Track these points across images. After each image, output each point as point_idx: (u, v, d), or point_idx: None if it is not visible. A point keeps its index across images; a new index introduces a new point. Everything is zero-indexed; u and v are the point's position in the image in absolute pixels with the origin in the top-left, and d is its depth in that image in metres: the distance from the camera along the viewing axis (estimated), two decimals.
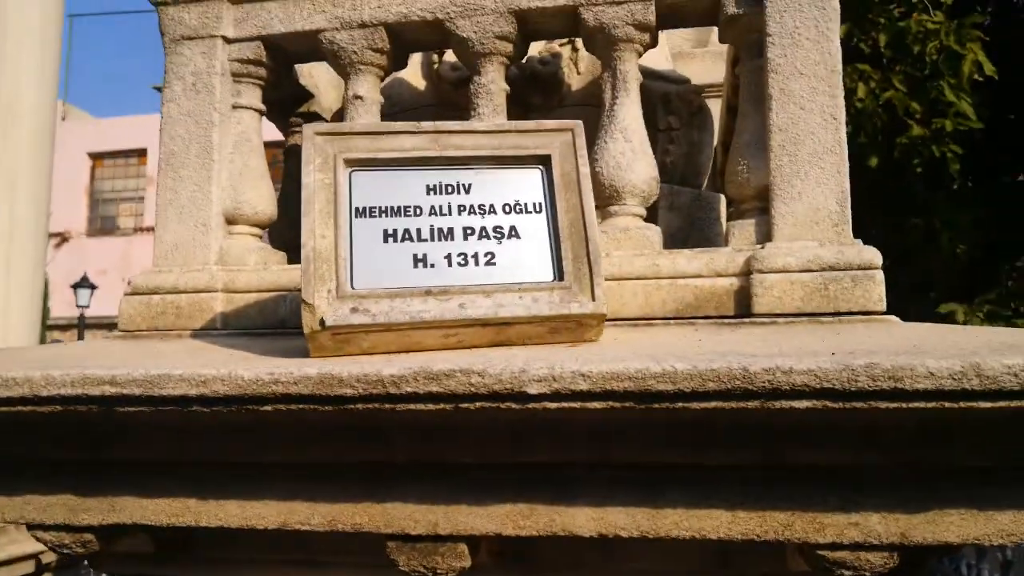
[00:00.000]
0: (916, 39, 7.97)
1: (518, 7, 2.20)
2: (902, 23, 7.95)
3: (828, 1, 2.04)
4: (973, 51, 7.87)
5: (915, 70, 8.07)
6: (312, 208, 1.74)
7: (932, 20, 7.95)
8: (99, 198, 15.11)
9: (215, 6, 2.33)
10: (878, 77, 7.99)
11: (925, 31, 7.90)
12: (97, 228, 15.21)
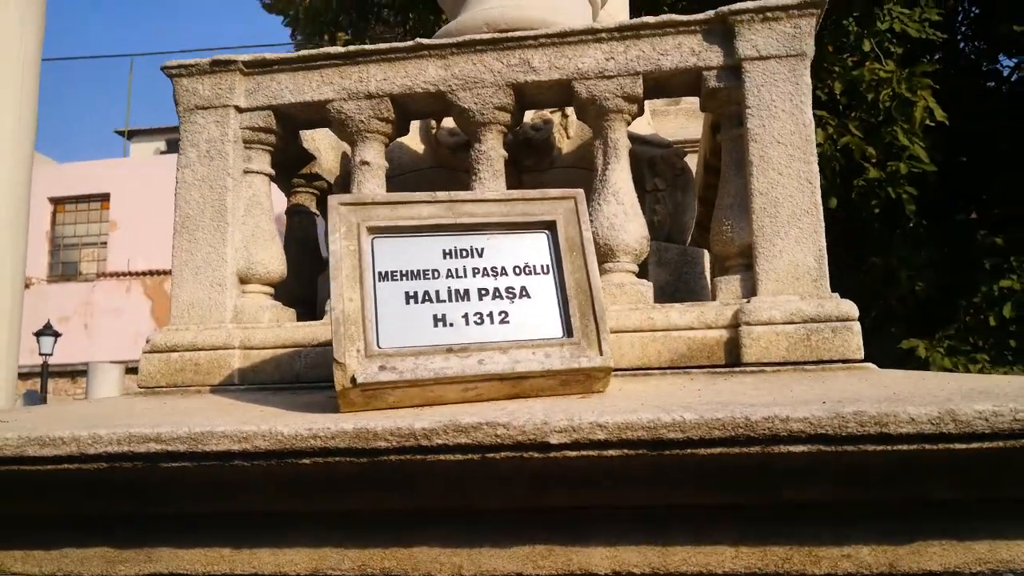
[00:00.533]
0: (870, 87, 8.37)
1: (516, 81, 2.39)
2: (856, 72, 8.36)
3: (801, 77, 2.26)
4: (924, 98, 8.29)
5: (870, 116, 8.47)
6: (340, 273, 1.88)
7: (884, 69, 8.37)
8: (60, 243, 15.00)
9: (228, 77, 2.48)
10: (835, 123, 8.37)
11: (878, 79, 8.31)
12: (58, 274, 15.07)
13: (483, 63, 2.41)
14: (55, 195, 14.46)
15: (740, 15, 2.27)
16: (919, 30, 8.59)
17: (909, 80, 8.18)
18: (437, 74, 2.43)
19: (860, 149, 8.28)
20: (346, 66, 2.47)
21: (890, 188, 8.56)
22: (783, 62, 2.25)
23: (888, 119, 8.30)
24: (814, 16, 2.26)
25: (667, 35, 2.33)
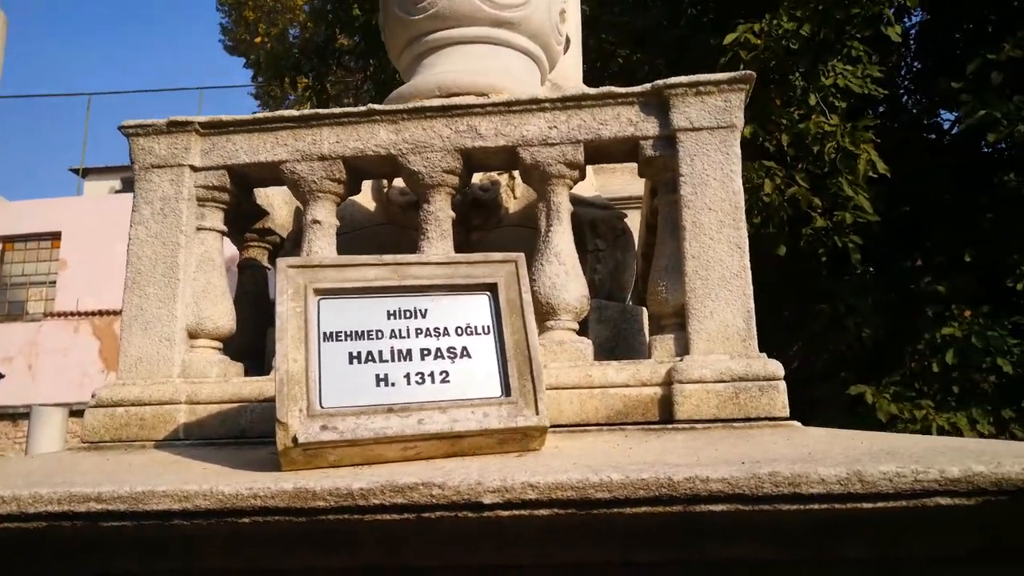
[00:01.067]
0: (815, 140, 8.68)
1: (464, 146, 2.50)
2: (802, 125, 8.66)
3: (731, 147, 2.40)
4: (867, 151, 8.61)
5: (816, 168, 8.77)
6: (285, 334, 1.95)
7: (829, 123, 8.69)
8: (7, 283, 14.75)
9: (184, 138, 2.56)
10: (782, 174, 8.64)
11: (823, 132, 8.62)
12: (4, 314, 14.79)
13: (433, 129, 2.52)
14: (4, 233, 14.25)
15: (675, 88, 2.41)
16: (861, 86, 8.94)
17: (852, 134, 8.50)
18: (388, 138, 2.53)
19: (807, 199, 8.54)
20: (300, 129, 2.56)
21: (836, 237, 8.84)
22: (715, 133, 2.40)
23: (833, 171, 8.60)
24: (743, 91, 2.41)
25: (607, 106, 2.47)
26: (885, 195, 9.61)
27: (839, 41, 8.48)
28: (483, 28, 3.09)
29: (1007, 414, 8.95)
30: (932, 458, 1.71)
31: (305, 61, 10.26)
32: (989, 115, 8.51)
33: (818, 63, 8.55)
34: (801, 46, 8.47)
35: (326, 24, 10.23)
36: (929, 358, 9.42)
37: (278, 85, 11.33)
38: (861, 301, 9.56)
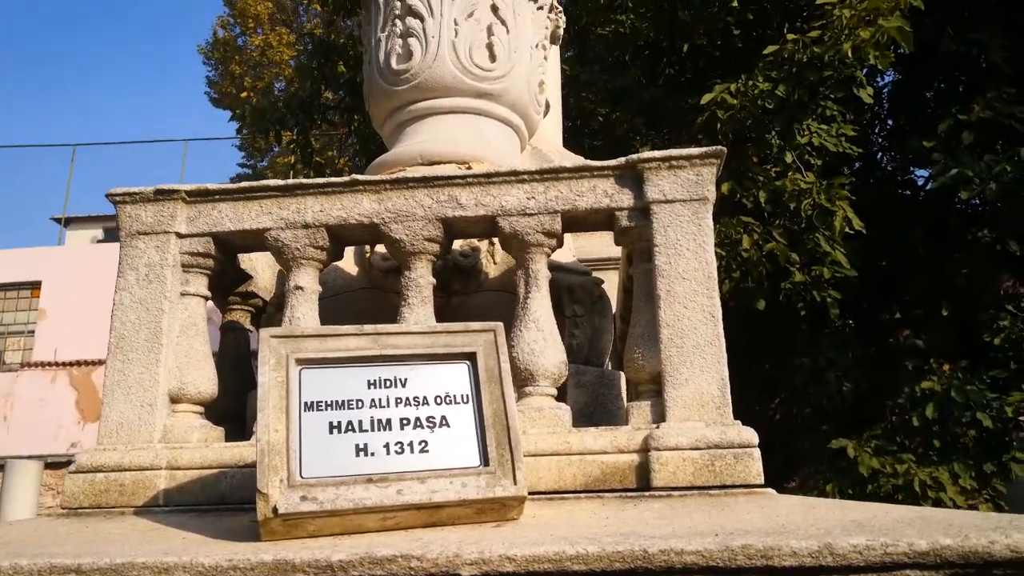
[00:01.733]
0: (792, 196, 8.84)
1: (445, 215, 2.57)
2: (778, 182, 8.83)
3: (704, 219, 2.49)
4: (843, 208, 8.78)
5: (793, 224, 8.92)
6: (267, 404, 1.99)
7: (804, 180, 8.86)
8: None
9: (170, 205, 2.61)
10: (760, 230, 8.78)
11: (799, 189, 8.79)
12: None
13: (414, 199, 2.59)
14: None
15: (649, 162, 2.50)
16: (836, 144, 9.15)
17: (828, 191, 8.67)
18: (371, 207, 2.60)
19: (785, 255, 8.68)
20: (284, 198, 2.62)
21: (815, 292, 8.96)
22: (687, 205, 2.48)
23: (810, 227, 8.76)
24: (714, 165, 2.51)
25: (583, 178, 2.55)
26: (862, 250, 9.78)
27: (813, 102, 8.70)
28: (464, 99, 3.19)
29: (988, 468, 9.01)
30: (901, 530, 1.76)
31: (290, 116, 10.39)
32: (961, 173, 8.71)
33: (793, 122, 8.75)
34: (776, 106, 8.68)
35: (311, 80, 10.38)
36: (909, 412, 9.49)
37: (263, 138, 11.45)
38: (841, 355, 9.65)
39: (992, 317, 9.18)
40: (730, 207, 9.02)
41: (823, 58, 8.38)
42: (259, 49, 18.62)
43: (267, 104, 10.47)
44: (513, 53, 3.23)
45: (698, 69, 10.44)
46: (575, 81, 10.26)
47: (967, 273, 9.72)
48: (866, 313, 11.22)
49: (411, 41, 3.18)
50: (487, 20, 3.19)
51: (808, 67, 8.47)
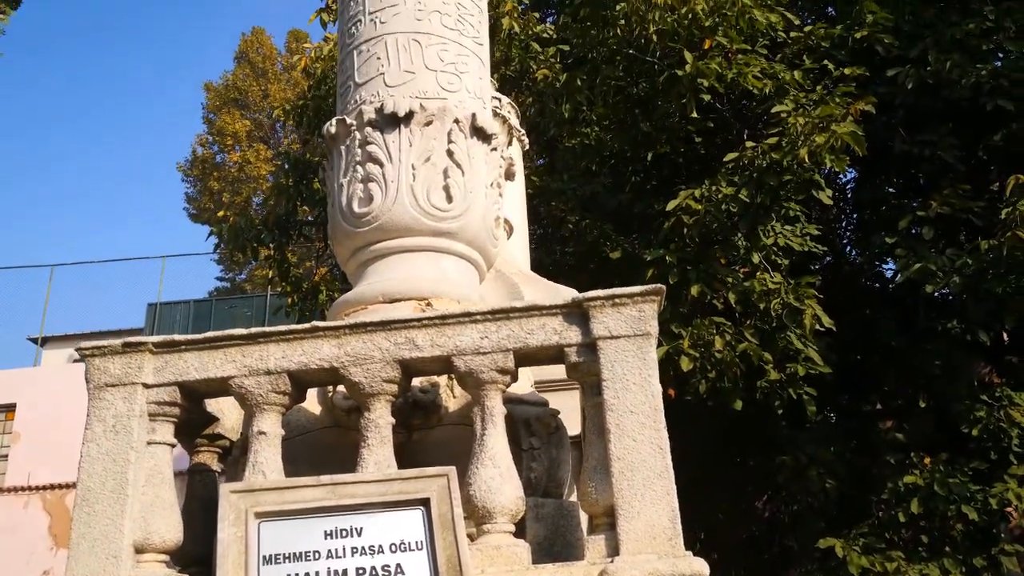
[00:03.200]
0: (760, 297, 9.07)
1: (402, 357, 2.72)
2: (747, 283, 9.07)
3: (648, 354, 2.64)
4: (811, 307, 9.00)
5: (764, 324, 9.11)
6: (226, 561, 2.07)
7: (772, 280, 9.11)
8: None
9: (138, 357, 2.74)
10: (732, 331, 8.95)
11: (767, 290, 9.03)
12: None
13: (373, 342, 2.73)
14: None
15: (593, 301, 2.67)
16: (801, 244, 9.45)
17: (796, 290, 8.92)
18: (331, 352, 2.74)
19: (757, 354, 8.84)
20: (248, 346, 2.76)
21: (790, 389, 9.09)
22: (632, 341, 2.64)
23: (781, 326, 8.95)
24: (655, 302, 2.68)
25: (533, 316, 2.71)
26: (836, 344, 9.98)
27: (776, 204, 9.02)
28: (423, 238, 3.38)
29: (978, 563, 8.99)
30: None
31: (267, 233, 10.64)
32: (924, 268, 8.99)
33: (757, 225, 9.04)
34: (740, 209, 8.99)
35: (288, 197, 10.68)
36: (895, 507, 9.51)
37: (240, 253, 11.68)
38: (822, 451, 9.70)
39: (968, 408, 9.31)
40: (701, 309, 9.23)
41: (782, 163, 8.74)
42: (237, 165, 19.16)
43: (244, 222, 10.74)
44: (469, 193, 3.44)
45: (663, 175, 10.83)
46: (546, 190, 10.61)
47: (940, 364, 9.89)
48: (845, 406, 11.33)
49: (371, 186, 3.39)
50: (443, 164, 3.42)
51: (768, 172, 8.82)
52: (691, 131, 9.70)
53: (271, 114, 19.28)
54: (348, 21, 3.79)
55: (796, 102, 9.19)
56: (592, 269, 10.43)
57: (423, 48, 3.60)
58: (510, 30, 9.53)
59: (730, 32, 8.90)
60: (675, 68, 8.92)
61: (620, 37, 9.15)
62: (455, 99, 3.56)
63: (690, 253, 9.16)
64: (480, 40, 3.86)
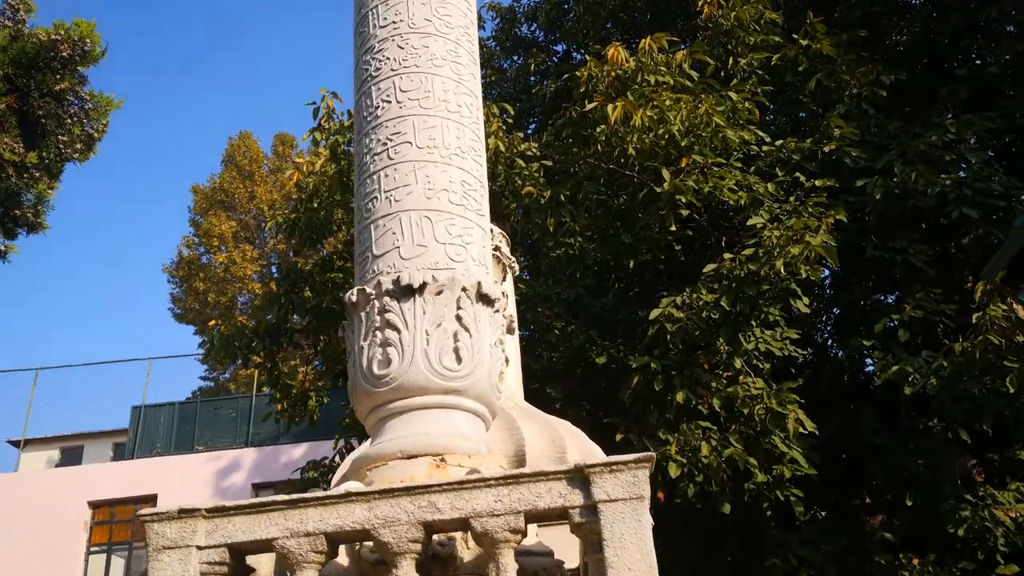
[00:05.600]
0: (744, 402, 9.58)
1: (425, 519, 3.20)
2: (730, 388, 9.59)
3: (642, 515, 3.14)
4: (794, 411, 9.51)
5: (748, 428, 9.61)
6: None
7: (755, 386, 9.64)
8: None
9: (192, 522, 3.20)
10: (718, 436, 9.43)
11: (750, 395, 9.55)
12: None
13: (399, 506, 3.22)
14: None
15: (593, 468, 3.18)
16: (782, 348, 10.01)
17: (778, 396, 9.45)
18: (363, 515, 3.21)
19: (743, 459, 9.31)
20: (289, 510, 3.23)
21: (777, 491, 9.53)
22: (628, 504, 3.14)
23: (765, 430, 9.45)
24: (646, 467, 3.19)
25: (540, 482, 3.21)
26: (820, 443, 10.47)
27: (754, 313, 9.59)
28: (436, 396, 3.89)
29: None
30: None
31: (258, 341, 11.10)
32: (901, 370, 9.58)
33: (738, 331, 9.60)
34: (721, 317, 9.57)
35: (279, 307, 11.19)
36: None
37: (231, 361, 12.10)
38: (811, 552, 10.07)
39: (953, 508, 9.76)
40: (687, 413, 9.72)
41: (759, 273, 9.36)
42: (223, 266, 19.76)
43: (235, 330, 11.21)
44: (476, 354, 3.97)
45: (645, 282, 11.47)
46: (532, 297, 11.18)
47: (923, 463, 10.37)
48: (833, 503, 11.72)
49: (390, 350, 3.91)
50: (453, 328, 3.96)
51: (746, 282, 9.43)
52: (671, 240, 10.35)
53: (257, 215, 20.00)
54: (364, 197, 4.38)
55: (771, 213, 9.91)
56: (579, 374, 10.94)
57: (433, 224, 4.18)
58: (496, 149, 10.24)
59: (704, 150, 9.65)
60: (654, 184, 9.62)
61: (601, 153, 9.87)
62: (462, 268, 4.13)
63: (674, 359, 9.70)
64: (482, 212, 4.45)
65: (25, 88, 4.03)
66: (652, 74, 9.86)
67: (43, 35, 4.07)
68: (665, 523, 10.98)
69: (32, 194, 4.09)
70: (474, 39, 4.95)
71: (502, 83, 14.23)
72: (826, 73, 10.63)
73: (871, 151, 10.34)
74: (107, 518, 14.11)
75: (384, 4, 4.76)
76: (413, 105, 4.46)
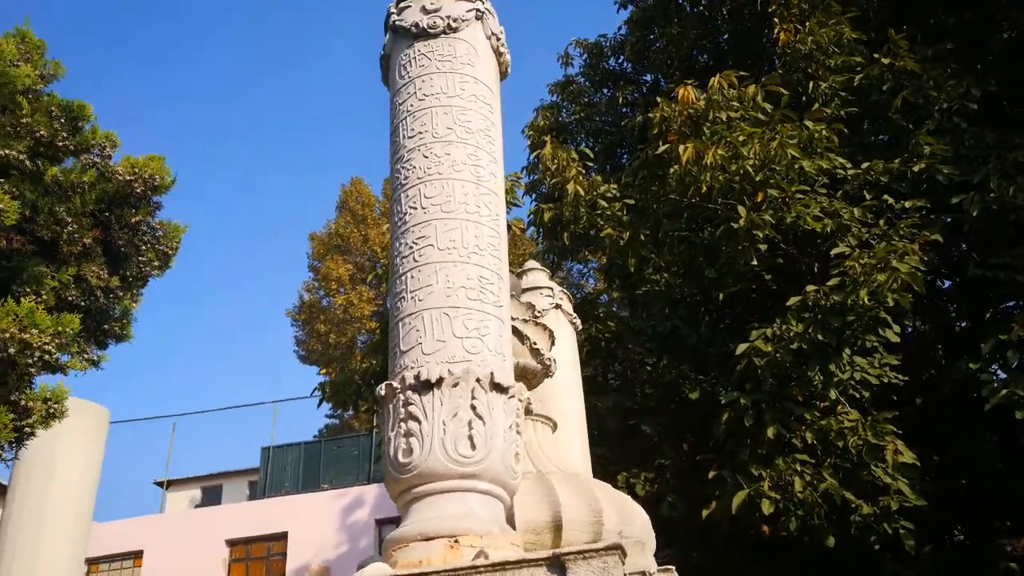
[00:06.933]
0: (838, 435, 9.65)
1: None
2: (824, 421, 9.67)
3: None
4: (891, 441, 9.51)
5: (843, 461, 9.66)
6: None
7: (848, 418, 9.69)
8: None
9: None
10: (811, 471, 9.55)
11: (845, 427, 9.60)
12: None
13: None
14: (91, 555, 15.82)
15: (568, 555, 3.69)
16: (880, 375, 9.98)
17: (874, 427, 9.47)
18: None
19: (839, 493, 9.38)
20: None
21: (885, 524, 9.52)
22: None
23: (862, 462, 9.47)
24: (616, 554, 3.66)
25: (523, 567, 3.75)
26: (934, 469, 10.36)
27: (843, 343, 9.62)
28: (452, 481, 4.48)
29: None
30: None
31: (365, 388, 12.01)
32: (1011, 394, 9.41)
33: (828, 363, 9.66)
34: (810, 348, 9.66)
35: (383, 354, 12.07)
36: None
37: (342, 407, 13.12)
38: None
39: None
40: (780, 448, 9.86)
41: (845, 303, 9.41)
42: (342, 307, 21.17)
43: (344, 378, 12.18)
44: (489, 439, 4.53)
45: (736, 313, 11.65)
46: (623, 333, 11.58)
47: None
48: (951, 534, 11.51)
49: (412, 440, 4.53)
50: (467, 417, 4.53)
51: (831, 313, 9.50)
52: (759, 271, 10.49)
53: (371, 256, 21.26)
54: (395, 297, 5.03)
55: (859, 238, 9.92)
56: (672, 410, 11.25)
57: (452, 320, 4.78)
58: (576, 192, 10.75)
59: (781, 182, 9.79)
60: (731, 220, 9.86)
61: (676, 191, 10.19)
62: (478, 359, 4.71)
63: (766, 393, 9.85)
64: (500, 303, 5.02)
65: (107, 222, 4.89)
66: (723, 111, 10.11)
67: (122, 171, 4.92)
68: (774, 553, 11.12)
69: (118, 309, 4.94)
70: (495, 139, 5.54)
71: (593, 117, 14.69)
72: (912, 90, 10.54)
73: (965, 165, 10.16)
74: (243, 555, 15.47)
75: (412, 116, 5.42)
76: (435, 210, 5.08)
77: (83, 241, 4.72)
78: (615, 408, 11.02)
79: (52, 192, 4.73)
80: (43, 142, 4.46)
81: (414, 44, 5.62)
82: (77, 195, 4.80)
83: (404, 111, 5.48)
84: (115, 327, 4.98)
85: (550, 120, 14.40)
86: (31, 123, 4.37)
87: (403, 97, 5.54)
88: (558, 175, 11.08)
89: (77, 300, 4.68)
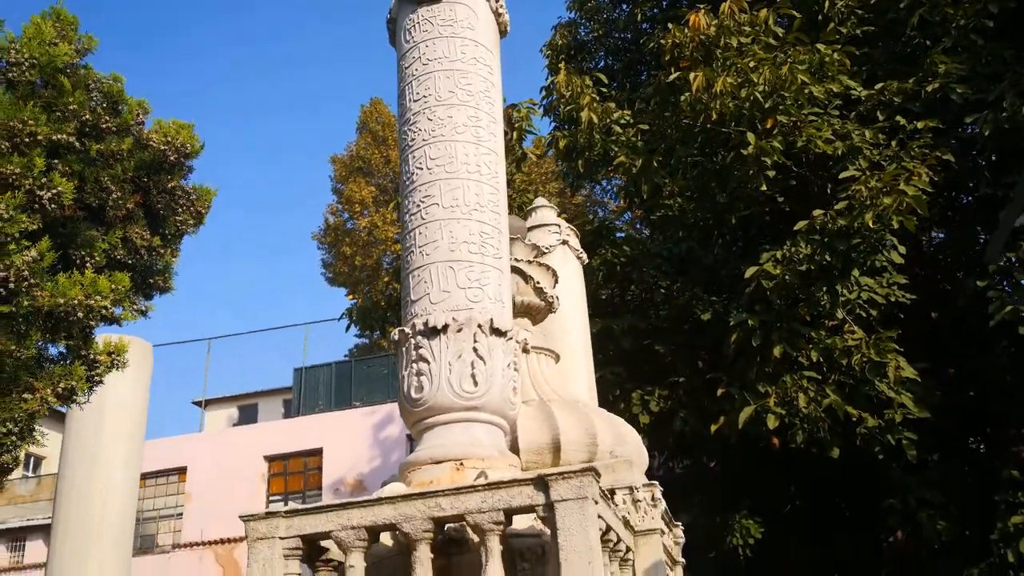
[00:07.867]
0: (843, 353, 10.39)
1: (433, 516, 4.69)
2: (828, 340, 10.41)
3: (587, 511, 4.48)
4: (894, 359, 10.24)
5: (847, 378, 10.43)
6: None
7: (852, 337, 10.41)
8: (140, 518, 17.71)
9: (275, 520, 4.86)
10: (816, 388, 10.34)
11: (849, 346, 10.34)
12: (137, 548, 17.67)
13: (415, 507, 4.72)
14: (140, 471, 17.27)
15: (551, 476, 4.54)
16: (888, 294, 10.64)
17: (877, 345, 10.20)
18: (390, 513, 4.75)
19: (841, 408, 10.19)
20: (341, 511, 4.81)
21: (888, 435, 10.35)
22: (575, 502, 4.49)
23: (865, 379, 10.24)
24: (590, 475, 4.51)
25: (514, 486, 4.62)
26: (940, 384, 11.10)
27: (850, 265, 10.26)
28: (458, 413, 5.34)
29: None
30: None
31: (391, 312, 12.92)
32: (1016, 310, 10.06)
33: (834, 283, 10.32)
34: (818, 270, 10.33)
35: None
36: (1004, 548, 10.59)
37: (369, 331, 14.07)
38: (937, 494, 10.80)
39: None
40: (787, 366, 10.65)
41: (851, 227, 10.03)
42: (366, 230, 21.98)
43: (370, 304, 13.08)
44: (490, 377, 5.38)
45: (749, 235, 12.27)
46: (638, 257, 12.30)
47: None
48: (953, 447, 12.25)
49: (422, 379, 5.39)
50: (470, 358, 5.37)
51: (837, 236, 10.11)
52: (772, 193, 11.06)
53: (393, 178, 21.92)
54: (405, 251, 5.83)
55: (870, 160, 10.44)
56: (685, 331, 12.05)
57: (455, 272, 5.58)
58: (589, 120, 11.33)
59: (791, 108, 10.29)
60: (741, 147, 10.42)
61: (688, 117, 10.74)
62: (479, 307, 5.52)
63: (773, 314, 10.59)
64: (499, 255, 5.79)
65: (146, 187, 5.68)
66: (735, 36, 10.54)
67: (156, 139, 5.67)
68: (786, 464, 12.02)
69: (160, 264, 5.76)
70: (495, 100, 6.22)
71: (612, 34, 15.01)
72: (929, 6, 10.83)
73: (980, 84, 10.48)
74: (281, 470, 16.80)
75: (416, 80, 6.10)
76: (439, 171, 5.82)
77: (126, 206, 5.53)
78: (630, 329, 11.84)
79: (96, 162, 5.53)
80: (88, 124, 5.24)
81: (418, 9, 6.26)
82: (118, 163, 5.60)
83: (410, 75, 6.16)
84: (159, 280, 5.83)
85: (568, 38, 14.81)
86: (77, 109, 5.15)
87: (408, 61, 6.21)
88: (572, 102, 11.64)
89: (125, 259, 5.53)
